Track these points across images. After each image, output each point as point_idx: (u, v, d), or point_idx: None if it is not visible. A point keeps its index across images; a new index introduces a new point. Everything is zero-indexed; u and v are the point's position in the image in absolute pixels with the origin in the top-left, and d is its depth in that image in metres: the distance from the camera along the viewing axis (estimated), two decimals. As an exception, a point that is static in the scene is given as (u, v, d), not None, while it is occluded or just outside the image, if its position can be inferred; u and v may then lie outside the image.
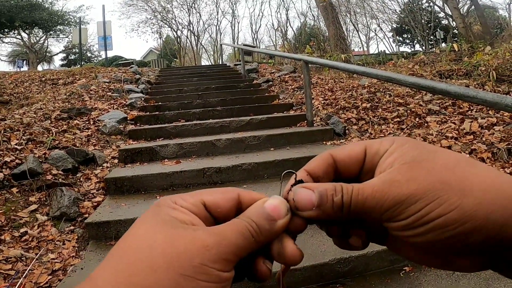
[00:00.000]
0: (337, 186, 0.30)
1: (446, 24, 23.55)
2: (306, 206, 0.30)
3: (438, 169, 0.28)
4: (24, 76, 8.35)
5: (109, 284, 0.25)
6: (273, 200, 0.30)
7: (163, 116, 5.06)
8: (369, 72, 3.35)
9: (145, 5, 22.69)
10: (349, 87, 5.57)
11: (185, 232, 0.27)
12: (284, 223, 0.30)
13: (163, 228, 0.27)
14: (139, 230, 0.28)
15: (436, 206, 0.26)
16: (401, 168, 0.29)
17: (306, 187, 0.30)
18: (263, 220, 0.29)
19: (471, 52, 6.79)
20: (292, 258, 0.29)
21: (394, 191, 0.28)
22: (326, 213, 0.29)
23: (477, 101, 2.04)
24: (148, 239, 0.27)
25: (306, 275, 1.88)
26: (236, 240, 0.27)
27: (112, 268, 0.26)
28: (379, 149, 0.32)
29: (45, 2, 21.59)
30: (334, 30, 9.65)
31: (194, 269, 0.25)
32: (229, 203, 0.31)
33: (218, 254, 0.26)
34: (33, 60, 24.10)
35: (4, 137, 3.37)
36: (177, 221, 0.28)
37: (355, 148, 0.33)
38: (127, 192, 2.93)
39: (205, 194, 0.31)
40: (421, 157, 0.29)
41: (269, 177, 3.10)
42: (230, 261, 0.27)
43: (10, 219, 2.43)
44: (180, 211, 0.29)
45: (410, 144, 0.31)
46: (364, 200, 0.28)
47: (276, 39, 26.05)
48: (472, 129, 3.38)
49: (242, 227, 0.28)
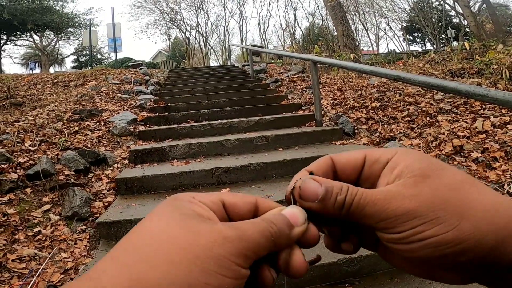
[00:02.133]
0: (344, 186, 0.30)
1: (457, 22, 23.22)
2: (310, 197, 0.30)
3: (442, 189, 0.28)
4: (37, 78, 8.50)
5: (117, 280, 0.23)
6: (292, 208, 0.31)
7: (172, 117, 5.09)
8: (378, 71, 3.33)
9: (153, 6, 22.93)
10: (358, 87, 5.54)
11: (205, 225, 0.27)
12: (301, 231, 0.30)
13: (181, 220, 0.27)
14: (154, 222, 0.27)
15: (433, 225, 0.27)
16: (407, 182, 0.29)
17: (315, 180, 0.31)
18: (282, 224, 0.29)
19: (483, 50, 6.68)
20: (297, 269, 0.29)
21: (395, 203, 0.28)
22: (326, 209, 0.30)
23: (488, 99, 2.02)
24: (165, 231, 0.26)
25: (315, 274, 1.88)
26: (256, 237, 0.27)
27: (120, 262, 0.25)
28: (380, 158, 0.32)
29: (56, 5, 21.95)
30: (342, 30, 9.59)
31: (215, 262, 0.25)
32: (247, 206, 0.31)
33: (239, 248, 0.26)
34: (45, 62, 24.52)
35: (18, 138, 3.44)
36: (196, 214, 0.28)
37: (354, 155, 0.34)
38: (137, 192, 2.96)
39: (224, 194, 0.31)
40: (428, 172, 0.29)
41: (278, 177, 3.10)
42: (249, 258, 0.26)
43: (24, 218, 2.48)
44: (198, 205, 0.29)
45: (415, 155, 0.31)
46: (364, 205, 0.29)
47: (284, 39, 26.04)
48: (485, 128, 3.33)
49: (263, 227, 0.28)
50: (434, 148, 3.19)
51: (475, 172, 2.79)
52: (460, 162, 2.94)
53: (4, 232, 2.29)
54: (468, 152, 3.04)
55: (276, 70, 8.63)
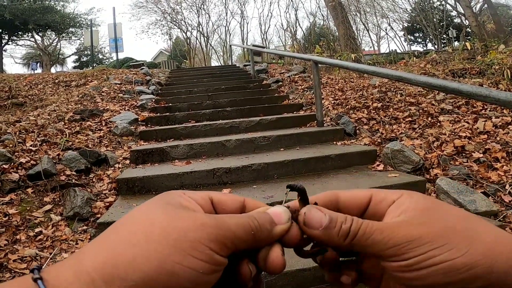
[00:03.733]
0: (348, 217, 0.31)
1: (459, 22, 23.18)
2: (314, 225, 0.31)
3: (449, 218, 0.29)
4: (38, 78, 8.51)
5: (96, 258, 0.26)
6: (276, 208, 0.32)
7: (174, 117, 5.10)
8: (379, 71, 3.33)
9: (154, 6, 22.94)
10: (360, 87, 5.53)
11: (187, 213, 0.28)
12: (283, 229, 0.31)
13: (165, 208, 0.29)
14: (139, 210, 0.29)
15: (444, 251, 0.27)
16: (414, 214, 0.30)
17: (319, 209, 0.32)
18: (265, 221, 0.31)
19: (485, 50, 6.66)
20: (274, 264, 0.30)
21: (404, 230, 0.28)
22: (331, 237, 0.31)
23: (490, 100, 2.01)
24: (147, 216, 0.28)
25: (317, 275, 1.88)
26: (235, 229, 0.28)
27: (101, 243, 0.27)
28: (386, 198, 0.33)
29: (57, 5, 21.99)
30: (343, 30, 9.58)
31: (189, 245, 0.26)
32: (235, 204, 0.33)
33: (215, 235, 0.27)
34: (47, 63, 24.57)
35: (20, 138, 3.44)
36: (181, 205, 0.30)
37: (360, 193, 0.35)
38: (138, 193, 2.96)
39: (214, 192, 0.33)
40: (433, 206, 0.30)
41: (279, 177, 3.10)
42: (225, 246, 0.28)
43: (25, 219, 2.48)
44: (186, 199, 0.31)
45: (420, 196, 0.32)
46: (371, 233, 0.29)
47: (285, 39, 26.05)
48: (486, 128, 3.32)
49: (243, 220, 0.29)
50: (435, 148, 3.18)
51: (477, 172, 2.78)
52: (462, 163, 2.93)
53: (5, 232, 2.29)
54: (470, 152, 3.03)
55: (277, 70, 8.63)
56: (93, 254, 0.26)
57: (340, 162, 3.25)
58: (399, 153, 3.09)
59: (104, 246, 0.27)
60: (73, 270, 0.25)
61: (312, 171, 3.17)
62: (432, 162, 3.03)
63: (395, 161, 3.10)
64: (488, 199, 2.47)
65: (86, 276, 0.25)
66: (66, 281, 0.25)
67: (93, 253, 0.26)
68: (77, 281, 0.25)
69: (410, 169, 3.00)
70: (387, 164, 3.17)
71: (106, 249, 0.26)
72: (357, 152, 3.38)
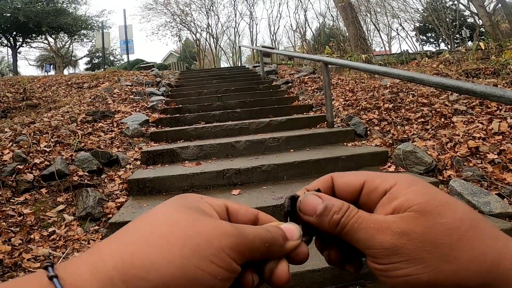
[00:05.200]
0: (345, 205, 0.32)
1: (472, 22, 22.82)
2: (309, 211, 0.32)
3: (436, 230, 0.28)
4: (52, 80, 8.66)
5: (116, 254, 0.26)
6: (289, 224, 0.34)
7: (184, 119, 5.13)
8: (391, 72, 3.29)
9: (164, 8, 23.11)
10: (371, 88, 5.48)
11: (208, 219, 0.29)
12: (294, 245, 0.32)
13: (185, 210, 0.29)
14: (159, 210, 0.30)
15: (412, 265, 0.28)
16: (404, 217, 0.30)
17: (319, 196, 0.33)
18: (279, 235, 0.32)
19: (499, 50, 6.54)
20: (280, 278, 0.31)
21: (384, 236, 0.29)
22: (322, 224, 0.32)
23: (505, 100, 1.98)
24: (168, 217, 0.28)
25: (325, 276, 1.87)
26: (253, 239, 0.29)
27: (121, 240, 0.27)
28: (379, 186, 0.33)
29: (69, 7, 22.36)
30: (354, 30, 9.51)
31: (211, 251, 0.26)
32: (248, 215, 0.34)
33: (236, 243, 0.28)
34: (60, 64, 25.00)
35: (34, 139, 3.50)
36: (200, 209, 0.30)
37: (354, 178, 0.35)
38: (149, 193, 2.98)
39: (230, 201, 0.34)
40: (427, 208, 0.29)
41: (288, 179, 3.09)
42: (243, 255, 0.28)
43: (39, 218, 2.52)
44: (204, 204, 0.31)
45: (417, 187, 0.31)
46: (357, 229, 0.30)
47: (294, 40, 25.98)
48: (501, 129, 3.25)
49: (261, 232, 0.30)
50: (449, 149, 3.13)
51: (491, 174, 2.73)
52: (476, 164, 2.88)
53: (20, 232, 2.33)
54: (484, 153, 2.97)
55: (286, 71, 8.61)
56: (112, 252, 0.26)
57: (351, 163, 3.22)
58: (411, 154, 3.05)
59: (124, 245, 0.26)
60: (91, 268, 0.25)
61: (322, 172, 3.13)
62: (445, 163, 2.98)
63: (407, 163, 3.06)
64: (503, 201, 2.42)
65: (104, 274, 0.25)
66: (83, 279, 0.24)
67: (112, 251, 0.26)
68: (94, 279, 0.24)
69: (423, 171, 2.96)
70: (399, 166, 3.14)
71: (125, 248, 0.26)
72: (368, 153, 3.34)
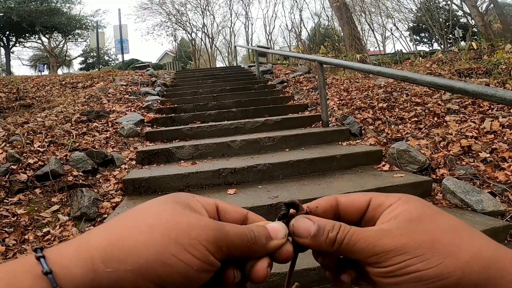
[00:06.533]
0: (336, 224, 0.33)
1: (465, 22, 23.01)
2: (303, 234, 0.33)
3: (433, 230, 0.31)
4: (45, 80, 8.59)
5: (101, 239, 0.28)
6: (275, 223, 0.34)
7: (179, 118, 5.12)
8: (385, 71, 3.32)
9: (159, 8, 23.06)
10: (365, 87, 5.51)
11: (192, 213, 0.31)
12: (278, 244, 0.33)
13: (172, 205, 0.31)
14: (150, 202, 0.32)
15: (419, 261, 0.29)
16: (400, 223, 0.32)
17: (308, 218, 0.34)
18: (262, 235, 0.33)
19: (491, 50, 6.61)
20: (256, 274, 0.32)
21: (385, 240, 0.31)
22: (319, 244, 0.33)
23: (497, 99, 2.01)
24: (154, 209, 0.31)
25: (322, 275, 1.88)
26: (233, 236, 0.31)
27: (107, 228, 0.29)
28: (384, 203, 0.35)
29: (64, 7, 22.17)
30: (348, 30, 9.55)
31: (188, 241, 0.28)
32: (238, 215, 0.35)
33: (213, 237, 0.29)
34: (53, 64, 24.79)
35: (28, 139, 3.48)
36: (188, 205, 0.32)
37: (360, 198, 0.36)
38: (144, 193, 2.98)
39: (220, 201, 0.36)
40: (423, 216, 0.32)
41: (284, 178, 3.10)
42: (221, 250, 0.30)
43: (33, 219, 2.51)
44: (194, 201, 0.33)
45: (416, 203, 0.33)
46: (356, 241, 0.31)
47: (290, 40, 26.05)
48: (493, 128, 3.30)
49: (242, 231, 0.32)
50: (442, 148, 3.16)
51: (484, 172, 2.77)
52: (468, 163, 2.91)
53: (14, 232, 2.32)
54: (477, 152, 3.01)
55: (282, 71, 8.63)
56: (99, 235, 0.28)
57: (346, 162, 3.24)
58: (405, 153, 3.08)
59: (111, 229, 0.29)
60: (75, 247, 0.28)
61: (317, 171, 3.17)
62: (438, 162, 3.02)
63: (401, 161, 3.09)
64: (495, 199, 2.45)
65: (86, 253, 0.27)
66: (66, 258, 0.27)
67: (99, 234, 0.29)
68: (76, 257, 0.27)
69: (416, 169, 2.99)
70: (393, 164, 3.16)
71: (112, 232, 0.28)
72: (363, 152, 3.37)
